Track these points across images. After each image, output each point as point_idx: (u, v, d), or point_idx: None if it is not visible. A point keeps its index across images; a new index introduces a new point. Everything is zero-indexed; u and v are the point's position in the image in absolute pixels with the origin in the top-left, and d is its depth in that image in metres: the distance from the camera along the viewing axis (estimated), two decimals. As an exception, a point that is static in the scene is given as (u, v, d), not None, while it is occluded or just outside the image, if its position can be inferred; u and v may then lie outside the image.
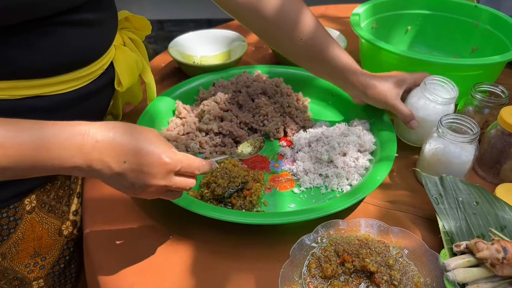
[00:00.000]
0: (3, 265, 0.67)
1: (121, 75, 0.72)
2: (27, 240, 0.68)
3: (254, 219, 0.63)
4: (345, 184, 0.72)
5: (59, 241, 0.72)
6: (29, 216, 0.67)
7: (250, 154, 0.71)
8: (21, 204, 0.66)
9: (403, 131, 0.81)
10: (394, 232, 0.60)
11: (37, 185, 0.67)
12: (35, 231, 0.69)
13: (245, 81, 0.90)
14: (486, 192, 0.66)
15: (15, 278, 0.70)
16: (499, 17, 0.98)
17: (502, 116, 0.71)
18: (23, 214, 0.66)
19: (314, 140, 0.78)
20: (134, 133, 0.51)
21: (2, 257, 0.67)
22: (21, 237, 0.67)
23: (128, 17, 0.78)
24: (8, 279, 0.69)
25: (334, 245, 0.58)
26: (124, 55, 0.73)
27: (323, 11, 1.40)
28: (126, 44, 0.76)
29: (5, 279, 0.69)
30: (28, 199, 0.66)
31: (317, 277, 0.56)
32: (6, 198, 0.64)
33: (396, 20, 1.08)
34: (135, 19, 0.79)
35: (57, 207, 0.72)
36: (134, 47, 0.78)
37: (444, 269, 0.55)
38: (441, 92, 0.76)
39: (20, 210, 0.66)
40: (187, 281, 0.59)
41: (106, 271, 0.61)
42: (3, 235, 0.65)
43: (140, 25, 0.80)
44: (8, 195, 0.64)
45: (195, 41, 1.07)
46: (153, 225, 0.67)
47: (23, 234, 0.67)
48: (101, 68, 0.67)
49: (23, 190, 0.65)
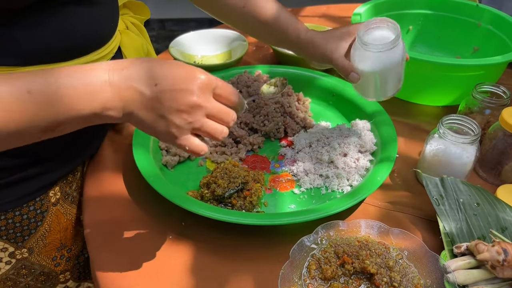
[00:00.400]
0: (30, 261, 0.68)
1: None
2: (54, 232, 0.70)
3: (254, 220, 0.63)
4: (345, 184, 0.72)
5: (82, 231, 0.73)
6: (54, 208, 0.69)
7: (275, 94, 0.69)
8: (46, 196, 0.67)
9: (357, 86, 0.74)
10: (394, 233, 0.60)
11: (60, 177, 0.69)
12: (60, 222, 0.70)
13: (246, 81, 0.90)
14: (487, 193, 0.66)
15: (42, 274, 0.71)
16: (501, 17, 0.98)
17: (504, 117, 0.70)
18: (49, 207, 0.68)
19: (315, 140, 0.78)
20: (159, 60, 0.48)
21: (30, 252, 0.68)
22: (48, 229, 0.68)
23: (126, 3, 0.80)
24: (35, 275, 0.70)
25: (334, 247, 0.58)
26: (129, 39, 0.74)
27: (325, 10, 1.40)
28: (129, 29, 0.77)
29: (31, 275, 0.70)
30: (52, 191, 0.68)
31: (317, 279, 0.56)
32: (33, 190, 0.65)
33: (397, 20, 1.06)
34: (133, 5, 0.80)
35: (79, 198, 0.74)
36: (137, 31, 0.79)
37: (445, 270, 0.55)
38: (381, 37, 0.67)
39: (46, 202, 0.67)
40: (187, 281, 0.59)
41: (105, 271, 0.60)
42: (30, 229, 0.66)
43: (139, 10, 0.81)
44: (34, 187, 0.65)
45: (196, 40, 1.07)
46: (152, 225, 0.67)
47: (50, 226, 0.69)
48: (111, 52, 0.68)
49: (47, 182, 0.67)
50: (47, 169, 0.66)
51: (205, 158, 0.78)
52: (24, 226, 0.66)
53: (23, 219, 0.65)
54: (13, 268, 0.68)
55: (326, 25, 1.17)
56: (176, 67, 0.47)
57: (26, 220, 0.65)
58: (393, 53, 0.66)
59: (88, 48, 0.62)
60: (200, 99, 0.46)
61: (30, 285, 0.71)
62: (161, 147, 0.78)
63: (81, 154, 0.73)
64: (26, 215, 0.65)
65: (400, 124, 0.86)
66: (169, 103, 0.45)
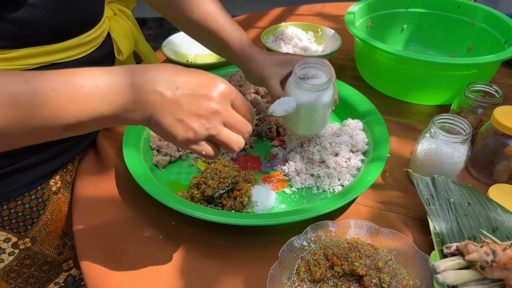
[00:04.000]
0: (33, 250, 0.70)
1: (120, 43, 0.74)
2: (55, 220, 0.71)
3: (243, 220, 0.62)
4: (336, 184, 0.71)
5: None
6: (55, 197, 0.70)
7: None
8: (47, 185, 0.69)
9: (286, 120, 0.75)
10: (384, 234, 0.59)
11: (60, 166, 0.70)
12: (61, 211, 0.72)
13: (238, 80, 0.89)
14: (478, 193, 0.66)
15: (45, 263, 0.73)
16: (495, 16, 0.98)
17: (495, 116, 0.70)
18: (50, 195, 0.70)
19: (306, 140, 0.77)
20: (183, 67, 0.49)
21: (33, 241, 0.70)
22: (49, 218, 0.70)
23: None
24: (38, 265, 0.72)
25: (323, 249, 0.57)
26: (118, 25, 0.76)
27: (320, 9, 1.39)
28: (117, 15, 0.78)
29: (35, 265, 0.72)
30: (53, 180, 0.70)
31: (306, 281, 0.56)
32: (34, 179, 0.66)
33: (391, 19, 1.07)
34: None
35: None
36: (125, 18, 0.80)
37: (434, 271, 0.54)
38: (316, 78, 0.69)
39: (47, 191, 0.69)
40: (176, 282, 0.59)
41: (94, 271, 0.60)
42: (33, 218, 0.68)
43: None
44: (35, 176, 0.67)
45: (189, 39, 1.04)
46: (142, 225, 0.66)
47: (51, 214, 0.70)
48: (101, 36, 0.70)
49: (48, 171, 0.68)
50: (47, 157, 0.67)
51: (196, 158, 0.78)
52: (27, 216, 0.67)
53: (25, 208, 0.67)
54: (17, 259, 0.69)
55: (321, 23, 1.16)
56: (199, 74, 0.48)
57: (28, 209, 0.67)
58: (322, 94, 0.68)
59: (82, 27, 0.64)
60: (219, 106, 0.47)
61: (34, 275, 0.72)
62: (152, 147, 0.78)
63: (80, 143, 0.75)
64: (28, 204, 0.67)
65: (392, 123, 0.86)
66: (189, 107, 0.46)
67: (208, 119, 0.47)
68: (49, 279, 0.75)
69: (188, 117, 0.47)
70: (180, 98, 0.46)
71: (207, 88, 0.47)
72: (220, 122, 0.48)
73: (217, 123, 0.48)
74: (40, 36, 0.59)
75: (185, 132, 0.47)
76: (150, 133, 0.80)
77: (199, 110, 0.47)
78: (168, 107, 0.46)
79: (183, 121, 0.47)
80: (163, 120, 0.47)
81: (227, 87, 0.48)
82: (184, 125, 0.47)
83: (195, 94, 0.47)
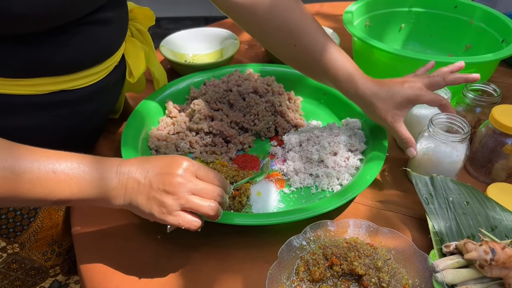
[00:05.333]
0: (21, 255, 0.71)
1: (132, 66, 0.75)
2: (45, 228, 0.72)
3: (242, 220, 0.62)
4: (335, 184, 0.71)
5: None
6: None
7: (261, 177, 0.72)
8: None
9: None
10: (383, 233, 0.60)
11: None
12: (52, 218, 0.72)
13: (237, 80, 0.89)
14: (476, 192, 0.66)
15: (32, 268, 0.73)
16: (493, 15, 0.98)
17: (494, 115, 0.70)
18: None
19: (305, 139, 0.77)
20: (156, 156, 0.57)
21: (21, 246, 0.70)
22: (40, 225, 0.71)
23: (133, 9, 0.81)
24: (25, 269, 0.73)
25: (322, 248, 0.57)
26: (133, 47, 0.77)
27: (318, 8, 1.39)
28: (134, 36, 0.79)
29: (22, 270, 0.72)
30: None
31: (305, 281, 0.56)
32: None
33: (389, 18, 1.07)
34: (140, 10, 0.82)
35: None
36: (142, 38, 0.81)
37: (433, 270, 0.54)
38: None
39: None
40: (174, 282, 0.59)
41: (92, 271, 0.60)
42: (23, 225, 0.69)
43: (145, 16, 0.83)
44: None
45: (188, 39, 1.06)
46: (140, 225, 0.66)
47: (42, 222, 0.71)
48: (116, 61, 0.71)
49: None
50: None
51: (195, 158, 0.78)
52: (17, 222, 0.68)
53: (17, 215, 0.67)
54: (4, 262, 0.69)
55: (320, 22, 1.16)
56: (165, 157, 0.57)
57: (19, 216, 0.67)
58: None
59: (99, 60, 0.66)
60: (182, 179, 0.53)
61: (20, 278, 0.72)
62: (150, 147, 0.78)
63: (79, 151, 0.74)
64: (20, 211, 0.67)
65: (391, 122, 0.86)
66: (157, 185, 0.53)
67: (175, 191, 0.53)
68: (35, 283, 0.75)
69: (158, 193, 0.53)
70: (150, 179, 0.54)
71: (171, 166, 0.54)
72: (187, 191, 0.54)
73: (184, 193, 0.53)
74: (58, 71, 0.61)
75: (159, 207, 0.53)
76: (149, 133, 0.80)
77: (166, 186, 0.53)
78: (142, 189, 0.54)
79: (155, 198, 0.53)
80: (139, 201, 0.54)
81: (188, 163, 0.55)
82: (157, 201, 0.53)
83: (161, 172, 0.54)
